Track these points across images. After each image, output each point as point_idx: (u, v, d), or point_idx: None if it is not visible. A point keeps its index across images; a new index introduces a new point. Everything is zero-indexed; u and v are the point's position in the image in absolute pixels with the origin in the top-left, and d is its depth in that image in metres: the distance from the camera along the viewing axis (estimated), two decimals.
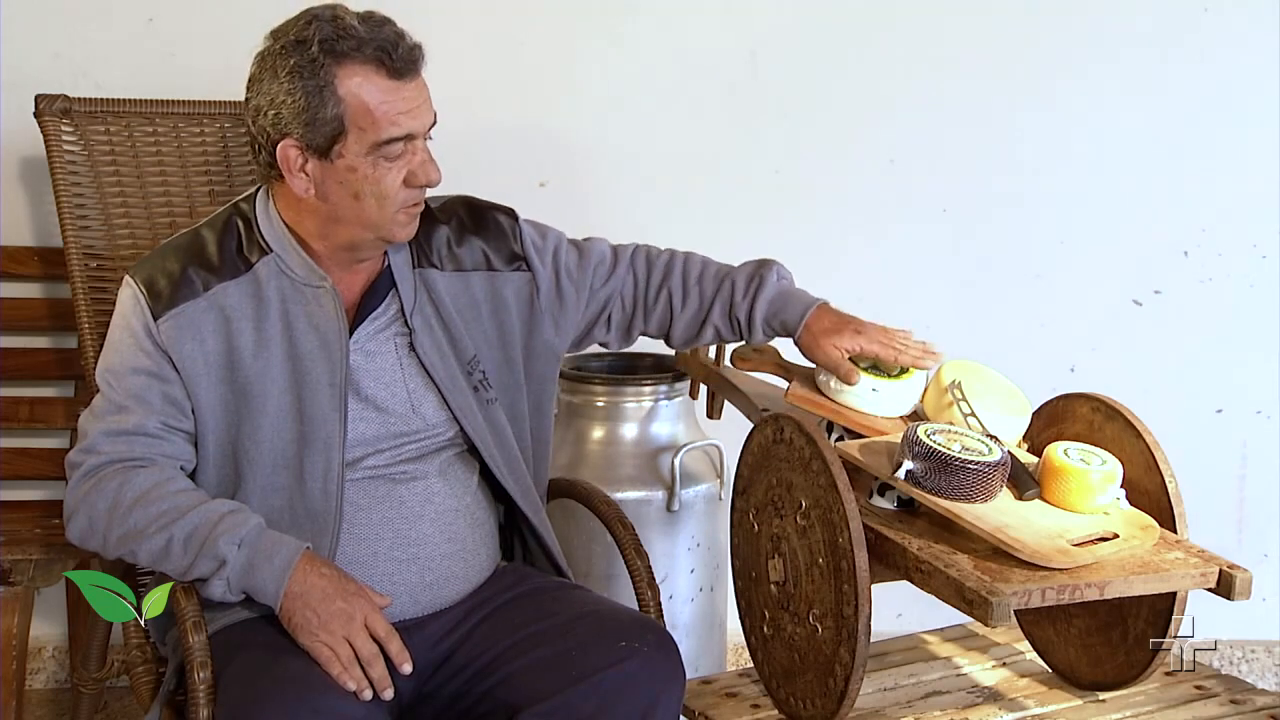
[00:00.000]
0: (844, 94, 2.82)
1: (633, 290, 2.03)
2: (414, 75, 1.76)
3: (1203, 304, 2.90)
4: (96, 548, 1.78)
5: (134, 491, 1.74)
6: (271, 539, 1.73)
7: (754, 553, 1.91)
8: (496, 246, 1.96)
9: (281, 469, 1.81)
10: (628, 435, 2.52)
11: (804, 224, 2.85)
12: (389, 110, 1.73)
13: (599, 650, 1.71)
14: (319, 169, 1.77)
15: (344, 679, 1.67)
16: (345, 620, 1.70)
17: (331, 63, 1.72)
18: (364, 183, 1.76)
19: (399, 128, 1.74)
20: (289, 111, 1.74)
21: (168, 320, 1.79)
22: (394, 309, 1.88)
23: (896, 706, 1.94)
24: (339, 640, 1.69)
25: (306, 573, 1.71)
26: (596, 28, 2.77)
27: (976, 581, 1.64)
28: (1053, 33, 2.82)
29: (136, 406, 1.78)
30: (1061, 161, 2.86)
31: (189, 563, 1.72)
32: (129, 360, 1.80)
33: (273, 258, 1.84)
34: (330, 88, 1.72)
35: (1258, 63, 2.82)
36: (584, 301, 2.00)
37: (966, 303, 2.87)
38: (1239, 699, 1.95)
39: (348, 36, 1.72)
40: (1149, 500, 1.83)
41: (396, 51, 1.73)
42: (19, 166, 2.66)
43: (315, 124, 1.73)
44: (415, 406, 1.86)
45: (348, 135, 1.74)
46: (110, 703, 2.75)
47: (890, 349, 1.93)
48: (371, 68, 1.73)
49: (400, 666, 1.72)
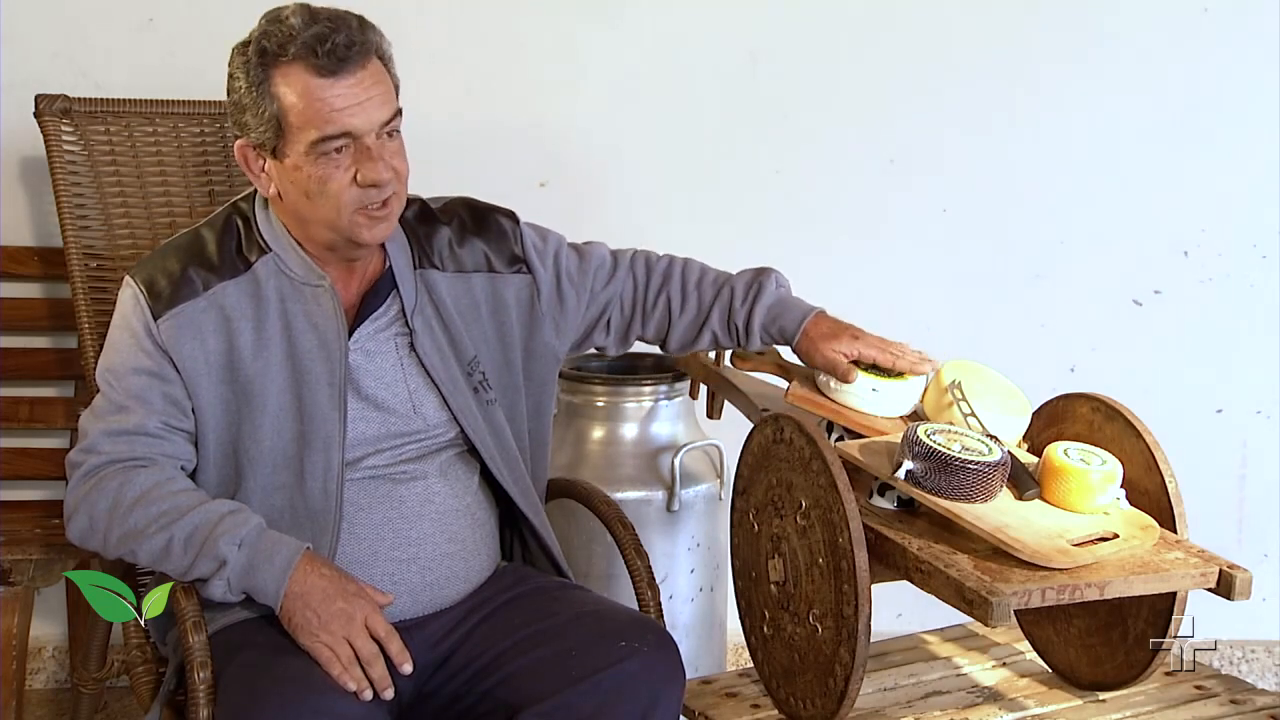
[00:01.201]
0: (844, 94, 2.82)
1: (632, 294, 2.03)
2: (351, 71, 1.73)
3: (1203, 304, 2.90)
4: (96, 547, 1.78)
5: (134, 491, 1.74)
6: (272, 539, 1.73)
7: (754, 553, 1.91)
8: (498, 248, 1.96)
9: (282, 468, 1.81)
10: (628, 435, 2.52)
11: (804, 224, 2.85)
12: (321, 108, 1.72)
13: (599, 650, 1.71)
14: (274, 169, 1.78)
15: (344, 679, 1.67)
16: (345, 620, 1.70)
17: (265, 62, 1.73)
18: (310, 182, 1.75)
19: (333, 125, 1.72)
20: (239, 112, 1.77)
21: (168, 320, 1.79)
22: (395, 309, 1.88)
23: (896, 706, 1.94)
24: (339, 640, 1.69)
25: (307, 573, 1.71)
26: (596, 27, 2.77)
27: (976, 581, 1.64)
28: (1053, 33, 2.82)
29: (137, 406, 1.78)
30: (1061, 161, 2.86)
31: (189, 562, 1.72)
32: (129, 360, 1.80)
33: (271, 257, 1.84)
34: (265, 86, 1.73)
35: (1257, 62, 2.82)
36: (584, 304, 2.00)
37: (966, 303, 2.87)
38: (1239, 699, 1.95)
39: (281, 35, 1.72)
40: (1149, 500, 1.83)
41: (323, 48, 1.71)
42: (19, 166, 2.66)
43: (259, 124, 1.75)
44: (416, 407, 1.86)
45: (287, 135, 1.74)
46: (110, 703, 2.75)
47: (887, 354, 1.94)
48: (300, 66, 1.72)
49: (400, 667, 1.72)
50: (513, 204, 2.03)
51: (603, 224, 2.81)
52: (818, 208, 2.85)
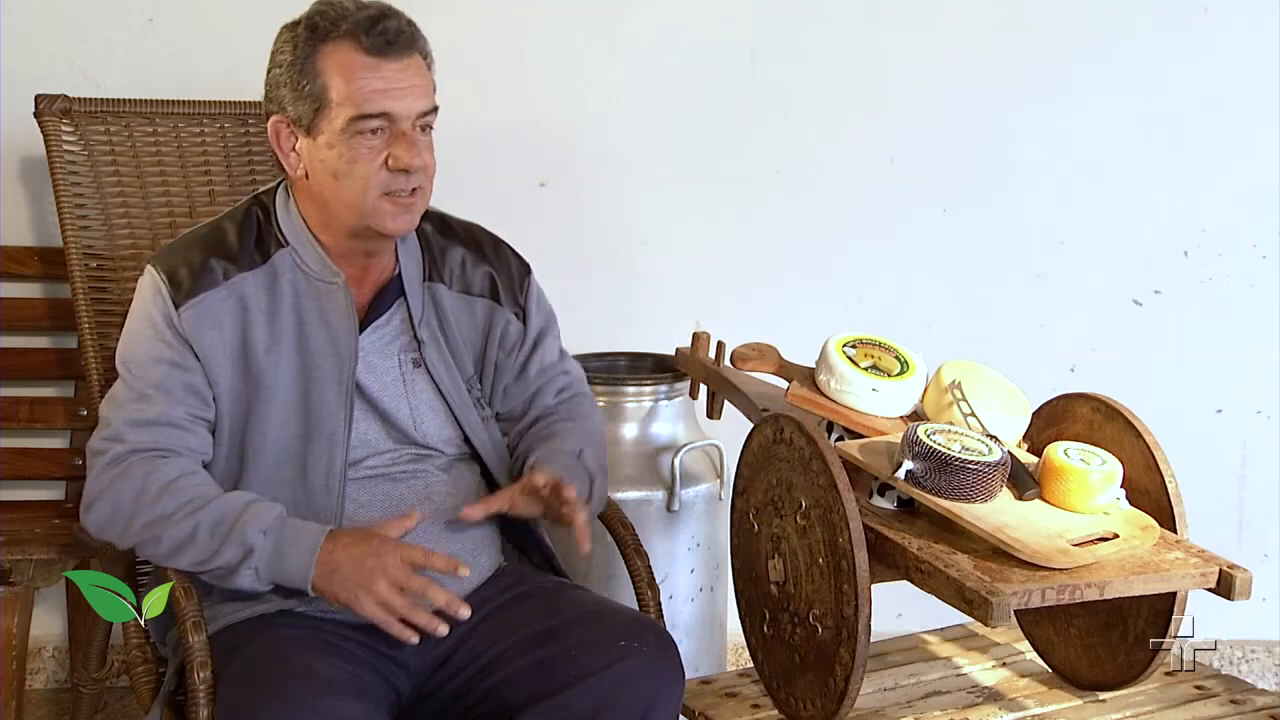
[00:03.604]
0: (844, 94, 2.82)
1: (520, 412, 1.99)
2: (398, 56, 1.76)
3: (1203, 304, 2.90)
4: (114, 536, 1.78)
5: (161, 480, 1.75)
6: (295, 526, 1.74)
7: (754, 553, 1.91)
8: (506, 283, 1.97)
9: (285, 463, 1.81)
10: (628, 435, 2.52)
11: (804, 224, 2.85)
12: (362, 86, 1.74)
13: (599, 650, 1.71)
14: (306, 147, 1.79)
15: (408, 635, 1.69)
16: (382, 572, 1.69)
17: (314, 38, 1.76)
18: (341, 161, 1.77)
19: (373, 104, 1.75)
20: (279, 87, 1.79)
21: (189, 309, 1.80)
22: (400, 317, 1.89)
23: (896, 706, 1.94)
24: (389, 593, 1.69)
25: (331, 551, 1.71)
26: (596, 28, 2.77)
27: (976, 581, 1.64)
28: (1052, 32, 2.82)
29: (159, 396, 1.79)
30: (1061, 161, 2.86)
31: (214, 549, 1.72)
32: (150, 350, 1.80)
33: (289, 251, 1.84)
34: (311, 61, 1.76)
35: (1258, 62, 2.82)
36: (513, 375, 1.98)
37: (966, 303, 2.87)
38: (1239, 699, 1.95)
39: (333, 13, 1.76)
40: (1149, 500, 1.83)
41: (374, 29, 1.74)
42: (19, 166, 2.66)
43: (299, 99, 1.76)
44: (418, 424, 1.87)
45: (325, 110, 1.76)
46: (110, 703, 2.74)
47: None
48: (348, 43, 1.75)
49: (457, 613, 1.71)
50: (513, 204, 2.04)
51: (603, 224, 2.82)
52: (818, 208, 2.85)
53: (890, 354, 2.01)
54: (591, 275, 2.77)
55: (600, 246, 2.81)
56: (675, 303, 2.82)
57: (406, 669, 1.81)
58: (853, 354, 1.99)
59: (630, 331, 2.74)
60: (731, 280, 2.84)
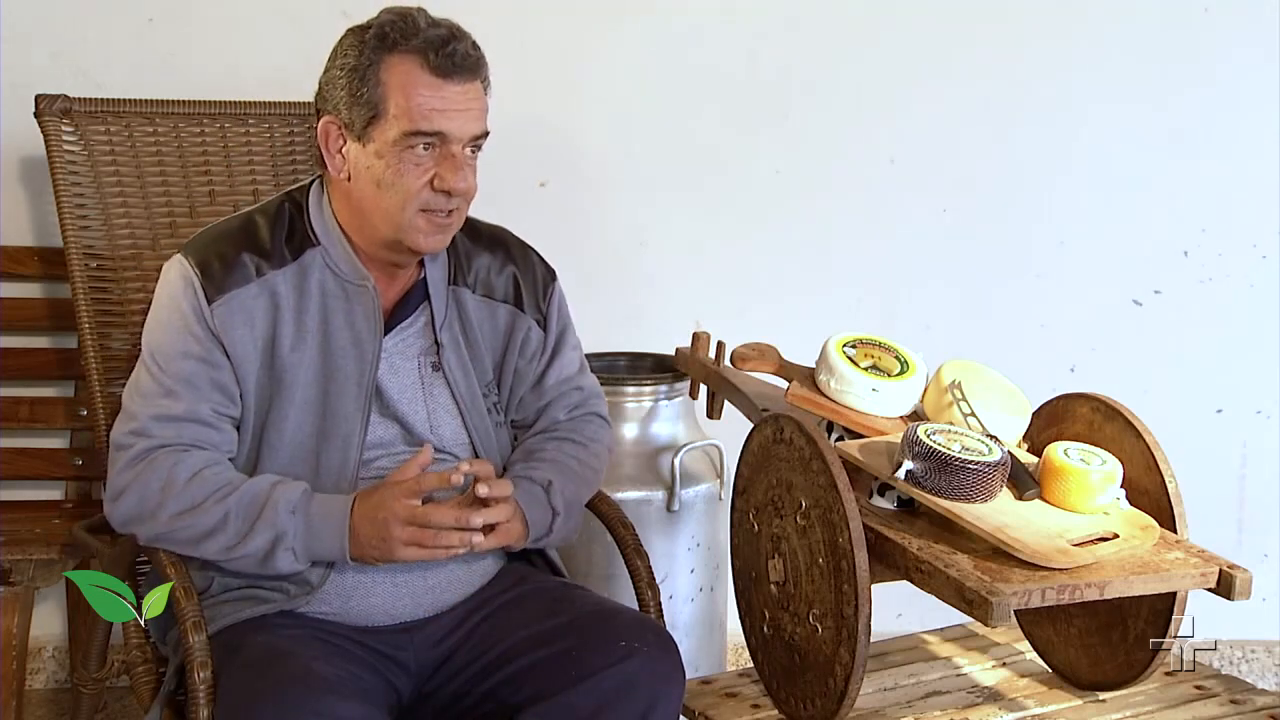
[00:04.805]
0: (844, 94, 2.82)
1: (531, 421, 2.01)
2: (461, 80, 1.77)
3: (1203, 304, 2.90)
4: (140, 528, 1.79)
5: (187, 471, 1.76)
6: (321, 503, 1.76)
7: (754, 553, 1.91)
8: (529, 289, 1.98)
9: (299, 460, 1.82)
10: (628, 435, 2.52)
11: (804, 224, 2.85)
12: (422, 104, 1.75)
13: (599, 650, 1.72)
14: (354, 151, 1.79)
15: (456, 549, 1.74)
16: (393, 519, 1.72)
17: (382, 48, 1.77)
18: (387, 172, 1.77)
19: (429, 123, 1.75)
20: (336, 88, 1.79)
21: (221, 305, 1.80)
22: (424, 320, 1.89)
23: (896, 706, 1.94)
24: (416, 534, 1.72)
25: (355, 521, 1.74)
26: (597, 28, 2.77)
27: (976, 581, 1.64)
28: (1052, 33, 2.82)
29: (186, 392, 1.79)
30: (1062, 161, 2.86)
31: (246, 530, 1.73)
32: (179, 344, 1.80)
33: (320, 250, 1.85)
34: (374, 69, 1.76)
35: (1258, 63, 2.82)
36: (530, 376, 1.99)
37: (966, 303, 2.87)
38: (1239, 699, 1.95)
39: (406, 27, 1.77)
40: (1149, 500, 1.83)
41: (444, 49, 1.75)
42: (19, 166, 2.66)
43: (355, 103, 1.77)
44: (434, 428, 1.87)
45: (380, 120, 1.76)
46: (110, 703, 2.74)
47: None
48: (416, 59, 1.76)
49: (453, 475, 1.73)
50: (513, 204, 2.04)
51: (603, 224, 2.82)
52: (818, 208, 2.85)
53: (890, 354, 2.01)
54: (591, 275, 2.76)
55: (600, 246, 2.80)
56: (675, 303, 2.82)
57: (407, 669, 1.81)
58: (853, 354, 1.99)
59: (630, 331, 2.74)
60: (731, 280, 2.85)
